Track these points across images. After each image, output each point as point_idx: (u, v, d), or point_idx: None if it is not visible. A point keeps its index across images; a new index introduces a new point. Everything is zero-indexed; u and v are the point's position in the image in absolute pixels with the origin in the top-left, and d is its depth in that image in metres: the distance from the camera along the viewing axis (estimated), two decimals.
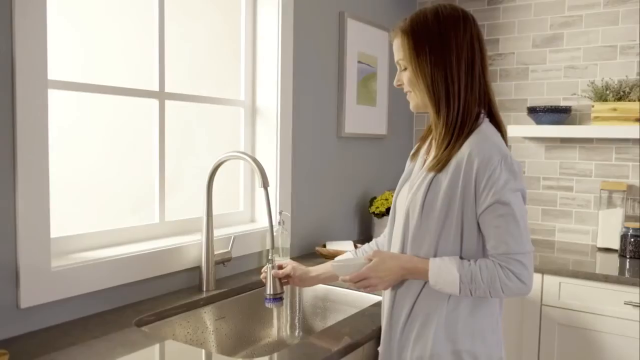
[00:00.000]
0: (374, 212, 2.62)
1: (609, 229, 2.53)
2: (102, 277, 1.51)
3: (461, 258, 1.26)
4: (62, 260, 1.47)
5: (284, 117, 2.15)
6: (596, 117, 2.53)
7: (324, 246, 2.32)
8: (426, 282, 1.28)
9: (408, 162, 1.44)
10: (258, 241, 2.05)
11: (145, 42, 1.79)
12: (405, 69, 1.31)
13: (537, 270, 2.24)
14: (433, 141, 1.34)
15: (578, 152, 2.71)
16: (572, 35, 2.71)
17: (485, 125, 1.28)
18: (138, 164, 1.82)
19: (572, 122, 2.71)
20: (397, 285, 1.34)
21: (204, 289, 1.74)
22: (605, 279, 2.11)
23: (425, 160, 1.35)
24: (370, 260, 1.32)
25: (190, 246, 1.77)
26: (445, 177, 1.25)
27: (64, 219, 1.60)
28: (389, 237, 1.41)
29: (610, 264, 2.28)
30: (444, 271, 1.23)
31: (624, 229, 2.43)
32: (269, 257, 1.55)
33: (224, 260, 1.82)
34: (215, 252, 1.79)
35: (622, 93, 2.51)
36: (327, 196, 2.47)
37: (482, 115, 1.29)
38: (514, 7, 2.84)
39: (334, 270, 1.37)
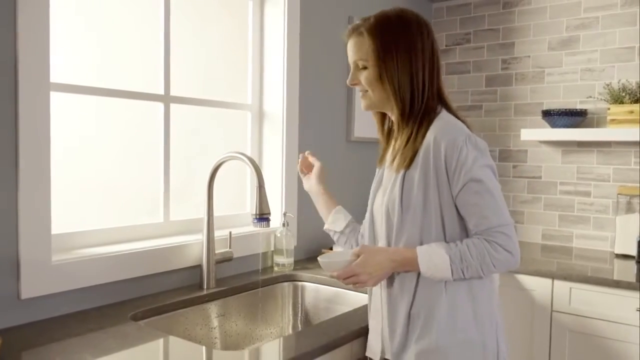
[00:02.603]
0: None
1: (627, 235, 2.46)
2: (101, 272, 1.56)
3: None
4: (63, 254, 1.54)
5: (290, 121, 2.19)
6: (612, 120, 2.47)
7: (331, 249, 2.33)
8: (419, 278, 1.29)
9: (377, 169, 1.48)
10: (262, 242, 2.08)
11: (155, 46, 1.86)
12: (364, 68, 1.33)
13: (547, 276, 2.20)
14: (397, 141, 1.37)
15: (596, 156, 2.65)
16: (588, 37, 2.66)
17: (444, 114, 1.33)
18: (153, 166, 1.89)
19: (589, 126, 2.65)
20: (388, 287, 1.35)
21: (205, 287, 1.78)
22: (617, 284, 2.05)
23: (391, 164, 1.38)
24: (358, 256, 1.32)
25: (192, 245, 1.81)
26: (416, 169, 1.28)
27: (78, 219, 1.68)
28: (371, 244, 1.42)
29: (626, 271, 2.21)
30: (433, 256, 1.24)
31: None
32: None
33: (225, 259, 1.86)
34: (216, 251, 1.83)
35: (639, 95, 2.44)
36: (335, 199, 2.47)
37: (439, 107, 1.34)
38: (529, 10, 2.81)
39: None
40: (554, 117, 2.59)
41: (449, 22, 3.07)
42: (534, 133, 2.63)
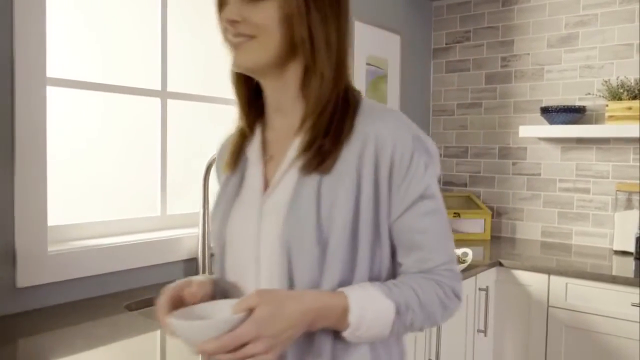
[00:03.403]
0: None
1: (626, 231, 2.46)
2: (97, 263, 1.59)
3: None
4: (60, 245, 1.57)
5: None
6: (610, 117, 2.47)
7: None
8: (335, 337, 0.84)
9: (224, 175, 0.98)
10: None
11: (152, 42, 1.89)
12: None
13: (543, 271, 2.20)
14: (276, 133, 0.93)
15: (595, 152, 2.65)
16: (587, 34, 2.66)
17: (367, 99, 0.92)
18: (152, 162, 1.92)
19: (587, 122, 2.66)
20: (286, 357, 0.85)
21: None
22: (613, 279, 2.05)
23: (263, 166, 0.92)
24: (251, 309, 0.75)
25: (188, 238, 1.84)
26: (341, 176, 0.85)
27: (79, 213, 1.72)
28: (230, 289, 0.92)
29: (624, 267, 2.21)
30: (369, 301, 0.81)
31: (639, 232, 2.36)
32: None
33: None
34: (212, 244, 1.85)
35: (637, 92, 2.44)
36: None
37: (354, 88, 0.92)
38: (529, 7, 2.81)
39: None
40: (552, 113, 2.59)
41: (449, 20, 3.08)
42: (532, 130, 2.63)
